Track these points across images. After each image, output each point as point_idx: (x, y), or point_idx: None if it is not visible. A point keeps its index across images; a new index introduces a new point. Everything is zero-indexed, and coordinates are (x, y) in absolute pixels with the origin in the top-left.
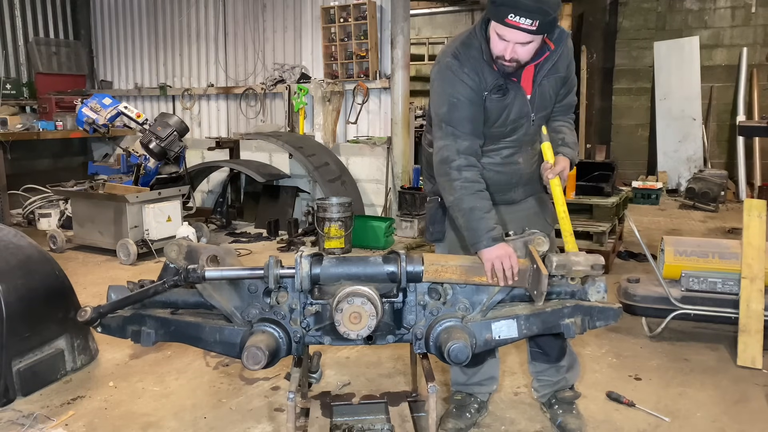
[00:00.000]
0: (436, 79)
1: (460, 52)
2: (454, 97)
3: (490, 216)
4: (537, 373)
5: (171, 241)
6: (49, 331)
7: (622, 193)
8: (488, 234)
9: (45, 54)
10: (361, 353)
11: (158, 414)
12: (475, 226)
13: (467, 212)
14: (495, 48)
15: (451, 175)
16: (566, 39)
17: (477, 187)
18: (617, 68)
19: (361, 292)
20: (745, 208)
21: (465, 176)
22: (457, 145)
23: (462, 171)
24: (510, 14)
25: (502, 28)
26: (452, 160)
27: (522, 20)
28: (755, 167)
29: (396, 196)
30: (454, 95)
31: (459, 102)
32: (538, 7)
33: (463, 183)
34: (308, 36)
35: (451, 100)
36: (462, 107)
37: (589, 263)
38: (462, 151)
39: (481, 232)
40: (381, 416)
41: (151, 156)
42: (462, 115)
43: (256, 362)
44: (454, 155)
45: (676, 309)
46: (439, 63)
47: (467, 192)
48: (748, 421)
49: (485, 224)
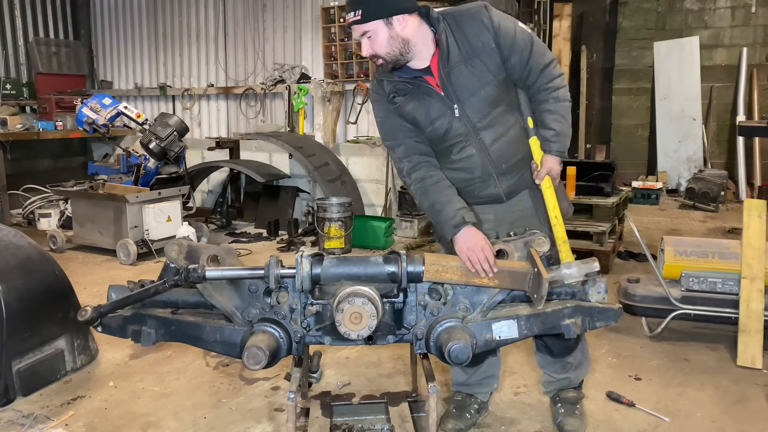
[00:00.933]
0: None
1: (376, 74)
2: (378, 117)
3: (449, 206)
4: (542, 366)
5: (171, 241)
6: (49, 331)
7: (622, 193)
8: (449, 223)
9: (45, 54)
10: (361, 353)
11: (158, 414)
12: (438, 220)
13: (429, 210)
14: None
15: (407, 183)
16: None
17: (430, 181)
18: (617, 68)
19: (362, 293)
20: (745, 208)
21: (415, 177)
22: (397, 152)
23: (411, 174)
24: (345, 14)
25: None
26: (402, 169)
27: (349, 15)
28: (755, 167)
29: (396, 196)
30: (378, 115)
31: (382, 119)
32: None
33: (416, 185)
34: (308, 36)
35: (378, 120)
36: (385, 121)
37: (582, 273)
38: (402, 155)
39: (443, 225)
40: (381, 416)
41: (151, 156)
42: (387, 128)
43: (257, 362)
44: (399, 163)
45: (676, 309)
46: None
47: (421, 191)
48: (748, 421)
49: (444, 215)
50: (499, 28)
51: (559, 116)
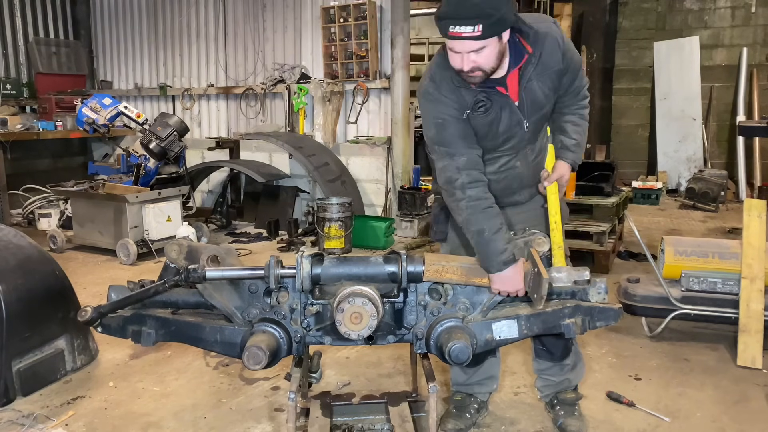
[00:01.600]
0: (420, 104)
1: (436, 74)
2: (438, 118)
3: (499, 237)
4: (540, 371)
5: (171, 241)
6: (49, 331)
7: (622, 193)
8: (498, 258)
9: (45, 54)
10: (361, 353)
11: (158, 414)
12: (485, 250)
13: (476, 234)
14: (453, 63)
15: (456, 195)
16: (544, 38)
17: (484, 205)
18: (617, 68)
19: (362, 293)
20: (745, 208)
21: (470, 195)
22: (456, 163)
23: (466, 189)
24: (451, 26)
25: (450, 42)
26: (455, 179)
27: (463, 29)
28: (755, 167)
29: (396, 196)
30: (438, 116)
31: (444, 122)
32: (478, 11)
33: (468, 203)
34: (308, 36)
35: (436, 122)
36: (448, 126)
37: (572, 279)
38: (462, 167)
39: (491, 256)
40: (381, 416)
41: (151, 156)
42: (450, 133)
43: (257, 362)
44: (455, 174)
45: (676, 309)
46: (419, 87)
47: (474, 211)
48: (748, 421)
49: (494, 246)
50: (566, 50)
51: (582, 130)
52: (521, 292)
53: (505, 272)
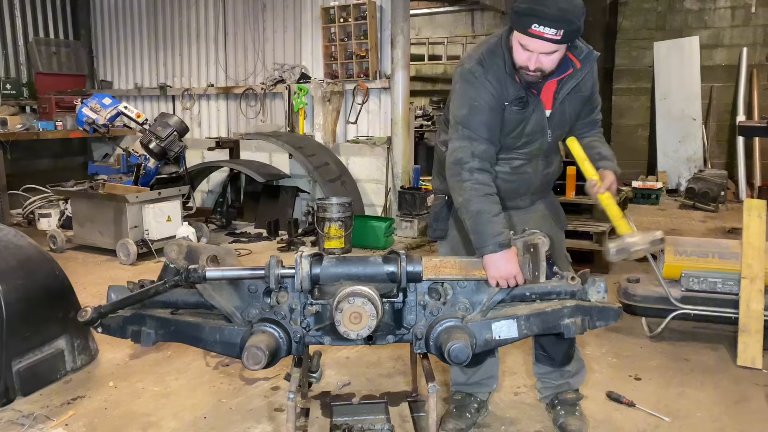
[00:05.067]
0: (458, 82)
1: (486, 58)
2: (476, 101)
3: (498, 220)
4: (540, 375)
5: (171, 241)
6: (49, 331)
7: (622, 193)
8: (495, 239)
9: (45, 54)
10: (361, 353)
11: (158, 414)
12: (482, 230)
13: (475, 215)
14: (518, 58)
15: (462, 176)
16: (594, 60)
17: (487, 190)
18: (617, 68)
19: (362, 292)
20: (745, 208)
21: (476, 178)
22: (473, 147)
23: (474, 173)
24: (534, 24)
25: (525, 39)
26: (466, 162)
27: (546, 30)
28: (755, 167)
29: (396, 196)
30: (476, 99)
31: (479, 106)
32: (562, 16)
33: (473, 185)
34: (308, 36)
35: (472, 103)
36: (481, 111)
37: (647, 241)
38: (477, 154)
39: (487, 236)
40: (381, 416)
41: (151, 156)
42: (480, 120)
43: (257, 362)
44: (468, 157)
45: (676, 309)
46: (462, 66)
47: (477, 194)
48: (748, 421)
49: (492, 228)
50: (596, 81)
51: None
52: (519, 277)
53: (499, 254)
